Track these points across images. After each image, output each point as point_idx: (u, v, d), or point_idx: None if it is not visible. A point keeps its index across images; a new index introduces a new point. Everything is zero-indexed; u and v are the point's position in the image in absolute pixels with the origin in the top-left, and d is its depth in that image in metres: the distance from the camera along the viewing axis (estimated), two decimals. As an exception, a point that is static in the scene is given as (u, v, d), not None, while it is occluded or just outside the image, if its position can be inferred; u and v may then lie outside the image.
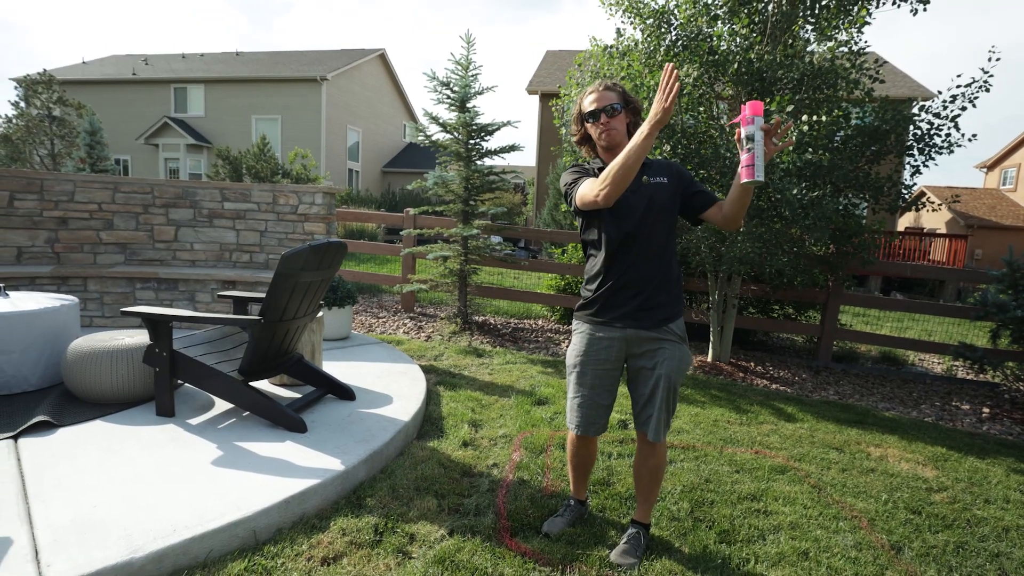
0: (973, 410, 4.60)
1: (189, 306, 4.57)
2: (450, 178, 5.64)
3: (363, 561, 1.96)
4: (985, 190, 22.75)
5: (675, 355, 1.99)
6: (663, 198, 1.98)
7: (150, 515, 1.94)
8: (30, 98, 12.88)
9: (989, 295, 4.55)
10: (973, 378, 5.60)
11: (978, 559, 2.27)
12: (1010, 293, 4.56)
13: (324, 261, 2.77)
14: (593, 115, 1.99)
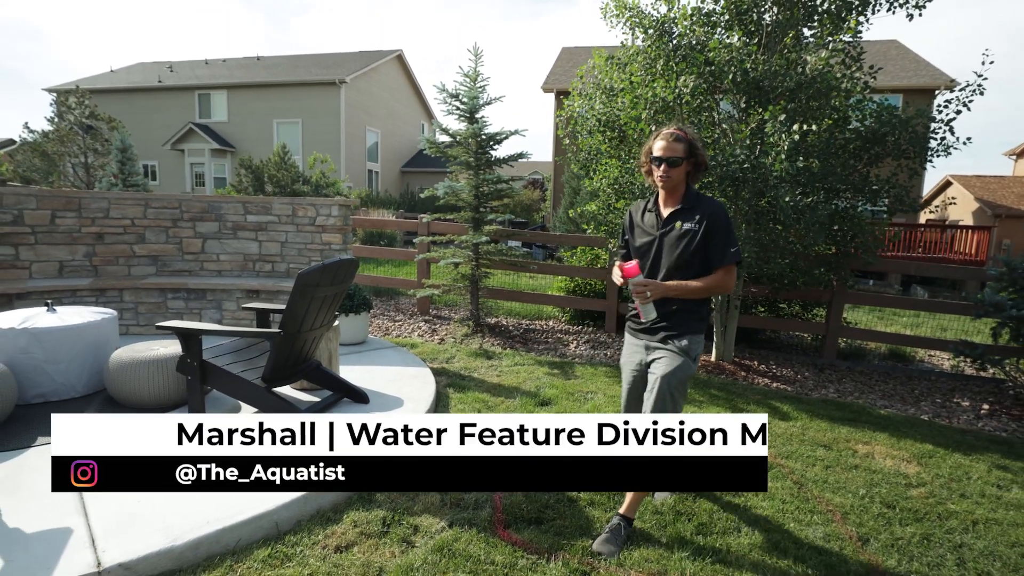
0: (972, 407, 4.70)
1: (216, 314, 4.90)
2: (460, 188, 5.89)
3: (371, 549, 2.22)
4: (1015, 178, 22.21)
5: (673, 363, 2.29)
6: (686, 247, 2.29)
7: (187, 509, 2.22)
8: (63, 112, 13.48)
9: (987, 294, 4.63)
10: (981, 375, 5.65)
11: (940, 549, 2.44)
12: (1010, 291, 4.63)
13: (337, 277, 3.03)
14: (657, 162, 2.30)
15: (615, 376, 4.80)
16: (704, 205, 2.30)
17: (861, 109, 4.90)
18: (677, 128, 2.30)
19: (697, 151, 2.27)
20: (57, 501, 2.23)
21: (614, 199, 5.23)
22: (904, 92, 17.41)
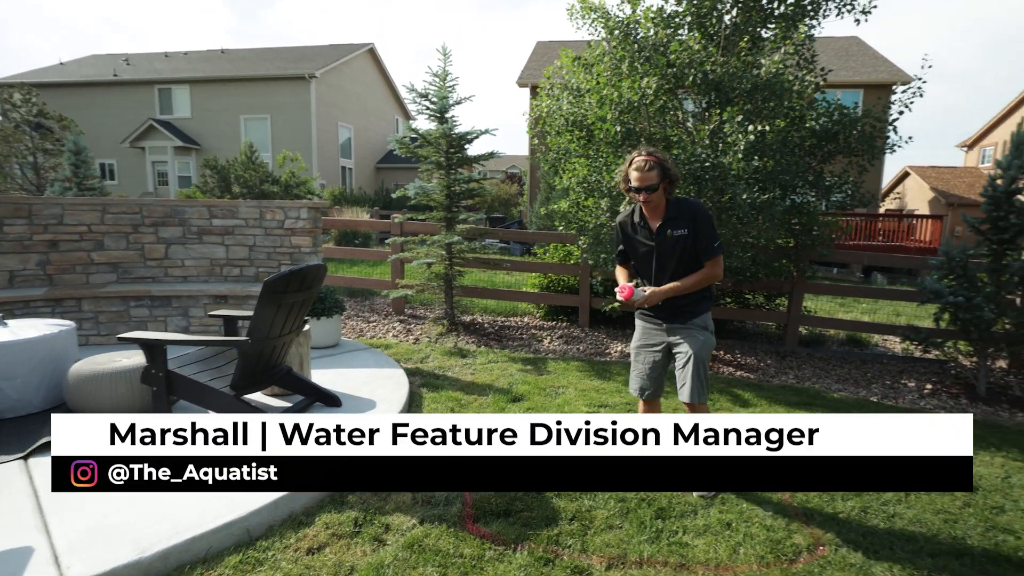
0: (917, 387, 4.95)
1: (183, 321, 4.85)
2: (431, 188, 5.91)
3: (343, 549, 2.27)
4: (965, 168, 23.07)
5: (699, 338, 2.65)
6: (682, 249, 2.61)
7: (155, 519, 2.23)
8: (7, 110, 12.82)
9: (928, 282, 4.88)
10: (927, 357, 5.93)
11: (875, 520, 2.64)
12: (949, 279, 4.86)
13: (305, 282, 3.05)
14: (636, 191, 2.59)
15: (586, 370, 4.91)
16: (687, 209, 2.60)
17: (815, 108, 5.08)
18: (646, 154, 2.56)
19: (669, 171, 2.56)
20: (16, 519, 2.22)
21: (583, 197, 5.32)
22: (864, 87, 17.92)
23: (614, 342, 5.99)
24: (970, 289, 4.75)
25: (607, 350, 5.72)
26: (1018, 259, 4.75)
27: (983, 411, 4.49)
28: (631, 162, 2.58)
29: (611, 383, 4.56)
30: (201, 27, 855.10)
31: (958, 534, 2.57)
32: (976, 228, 4.96)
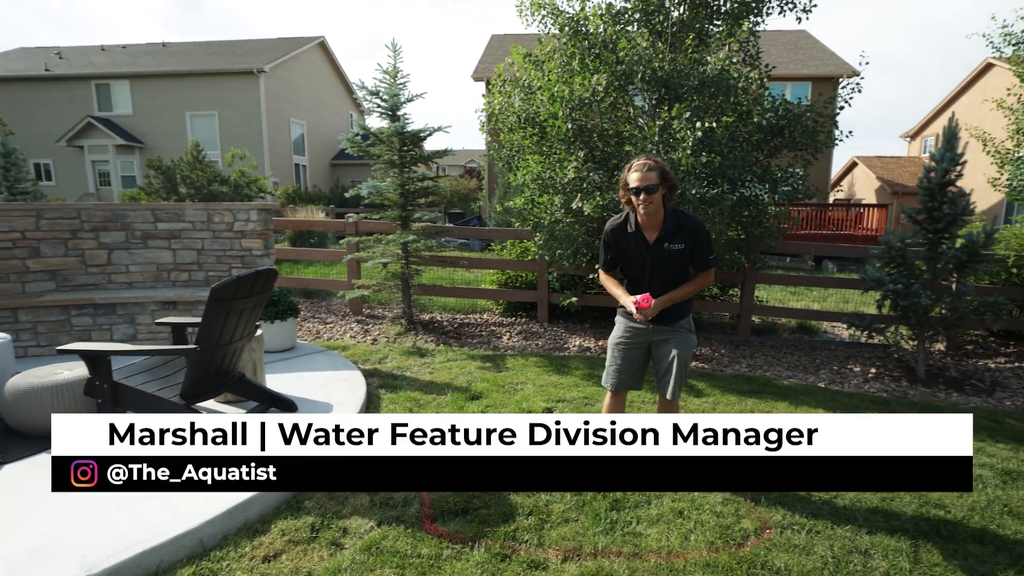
0: (862, 371, 5.22)
1: (130, 329, 4.72)
2: (384, 187, 5.89)
3: (300, 556, 2.28)
4: (909, 158, 24.19)
5: (685, 340, 2.73)
6: (677, 260, 2.64)
7: (103, 536, 2.20)
8: None
9: (870, 271, 5.14)
10: (872, 342, 6.25)
11: (818, 502, 2.79)
12: (890, 268, 5.13)
13: (255, 288, 3.02)
14: (635, 191, 2.53)
15: (545, 366, 4.99)
16: (687, 225, 2.59)
17: (761, 103, 5.28)
18: (647, 158, 2.56)
19: (668, 175, 2.53)
20: (-40, 539, 2.16)
21: (538, 194, 5.39)
22: (812, 80, 18.59)
23: (573, 336, 6.11)
24: (909, 277, 5.01)
25: (566, 345, 5.83)
26: (952, 247, 5.02)
27: (921, 393, 4.76)
28: (630, 166, 2.56)
29: (569, 378, 4.66)
30: (133, 17, 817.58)
31: (894, 510, 2.76)
32: (913, 218, 5.21)
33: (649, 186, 2.49)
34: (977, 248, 4.89)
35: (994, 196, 16.90)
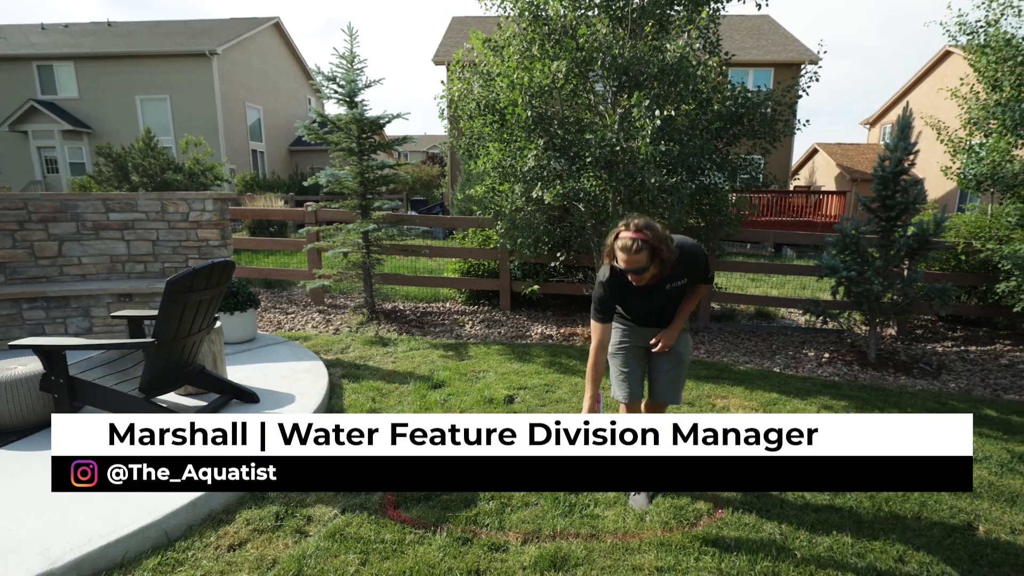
0: (816, 356, 5.50)
1: (85, 322, 4.66)
2: (343, 175, 5.89)
3: (265, 544, 2.36)
4: (868, 145, 25.01)
5: (685, 340, 2.76)
6: (678, 294, 2.58)
7: (66, 530, 2.24)
8: None
9: (825, 258, 5.37)
10: (826, 328, 6.55)
11: (768, 483, 2.97)
12: (844, 255, 5.37)
13: (212, 280, 3.05)
14: (623, 272, 2.38)
15: (507, 354, 5.11)
16: (687, 261, 2.44)
17: (721, 91, 5.45)
18: (634, 230, 2.28)
19: (659, 250, 2.28)
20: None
21: (498, 182, 5.48)
22: (775, 66, 19.02)
23: (535, 324, 6.25)
24: (862, 264, 5.22)
25: (528, 333, 5.96)
26: (904, 235, 5.24)
27: (871, 376, 5.01)
28: (617, 236, 2.33)
29: (531, 365, 4.80)
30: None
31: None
32: (867, 206, 5.40)
33: (638, 268, 2.31)
34: (927, 236, 5.11)
35: (948, 184, 17.67)
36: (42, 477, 2.63)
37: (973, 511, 2.79)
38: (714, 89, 5.43)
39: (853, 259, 5.30)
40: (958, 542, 2.52)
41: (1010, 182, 5.47)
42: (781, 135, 5.54)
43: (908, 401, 4.36)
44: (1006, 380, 5.04)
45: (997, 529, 2.65)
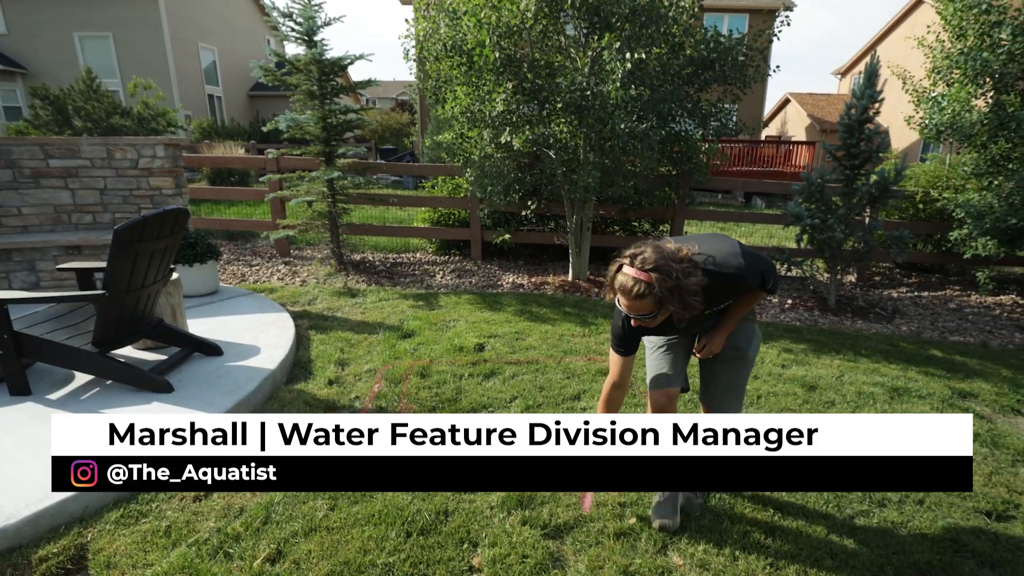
0: (780, 303, 5.64)
1: (30, 276, 4.46)
2: (304, 120, 5.65)
3: (231, 494, 2.35)
4: (839, 96, 25.10)
5: (747, 333, 2.21)
6: (718, 316, 2.10)
7: (19, 487, 2.18)
8: None
9: (791, 206, 5.45)
10: (792, 275, 6.71)
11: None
12: (809, 203, 5.45)
13: (164, 229, 2.92)
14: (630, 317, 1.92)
15: (478, 303, 5.11)
16: (727, 283, 1.88)
17: (693, 35, 5.34)
18: (639, 267, 1.76)
19: (669, 293, 1.74)
20: None
21: (467, 128, 5.33)
22: (750, 12, 18.72)
23: (506, 274, 6.24)
24: (826, 212, 5.33)
25: (499, 282, 5.95)
26: (866, 183, 5.34)
27: (831, 320, 5.20)
28: (619, 268, 1.83)
29: (501, 314, 4.80)
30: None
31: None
32: (832, 154, 5.48)
33: (643, 316, 1.84)
34: (888, 184, 5.23)
35: (911, 136, 17.95)
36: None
37: None
38: (686, 33, 5.32)
39: (818, 207, 5.41)
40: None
41: (968, 131, 5.59)
42: (752, 81, 5.49)
43: (863, 344, 4.53)
44: (953, 323, 5.29)
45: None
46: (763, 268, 1.93)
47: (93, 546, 2.04)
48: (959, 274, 7.13)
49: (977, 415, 3.35)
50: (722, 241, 1.96)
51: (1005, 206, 5.25)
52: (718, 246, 1.92)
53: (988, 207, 5.38)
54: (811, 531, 2.29)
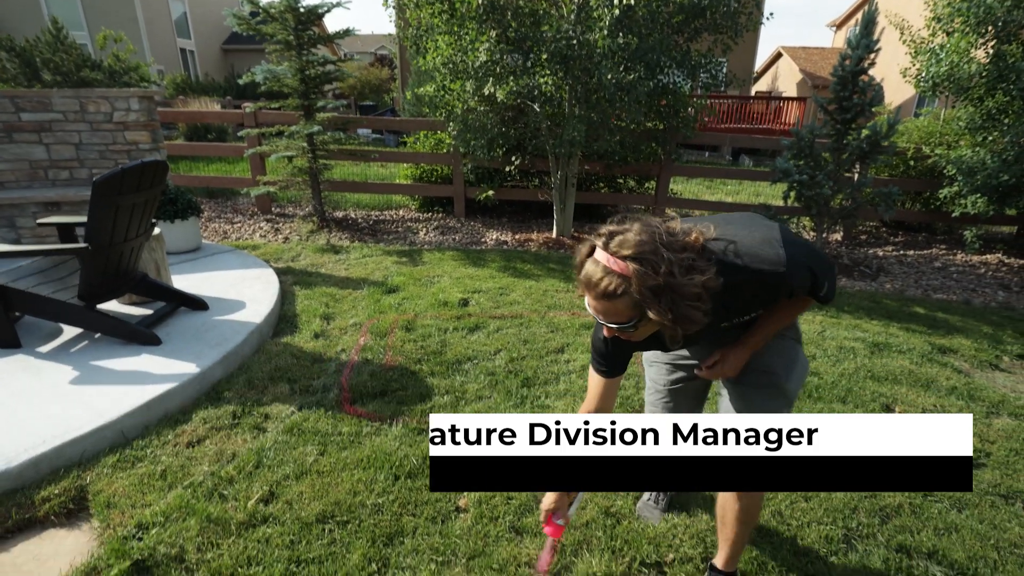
0: (764, 259, 5.74)
1: (10, 233, 4.45)
2: (282, 72, 5.57)
3: (223, 440, 2.46)
4: (833, 49, 24.80)
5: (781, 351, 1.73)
6: (737, 329, 1.57)
7: (18, 433, 2.27)
8: None
9: (779, 162, 5.48)
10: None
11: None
12: (800, 158, 5.47)
13: (143, 182, 2.94)
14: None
15: (461, 260, 5.19)
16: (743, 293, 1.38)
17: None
18: (610, 257, 1.24)
19: (654, 306, 1.22)
20: None
21: (449, 80, 5.30)
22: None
23: (490, 230, 6.30)
24: (815, 168, 5.33)
25: (483, 239, 6.02)
26: (857, 138, 5.29)
27: (814, 276, 5.32)
28: (584, 260, 1.33)
29: (485, 270, 4.89)
30: None
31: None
32: (824, 108, 5.39)
33: (618, 326, 1.33)
34: (879, 139, 5.18)
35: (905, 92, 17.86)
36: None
37: (892, 395, 3.11)
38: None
39: (806, 163, 5.40)
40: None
41: (965, 84, 5.57)
42: (745, 29, 5.46)
43: (845, 300, 4.68)
44: (937, 281, 5.44)
45: (911, 409, 2.97)
46: (814, 264, 1.37)
47: (92, 488, 2.15)
48: (946, 233, 7.26)
49: (955, 369, 3.49)
50: (755, 224, 1.41)
51: (998, 162, 5.26)
52: (748, 230, 1.38)
53: (980, 163, 5.39)
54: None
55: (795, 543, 2.05)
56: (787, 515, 2.17)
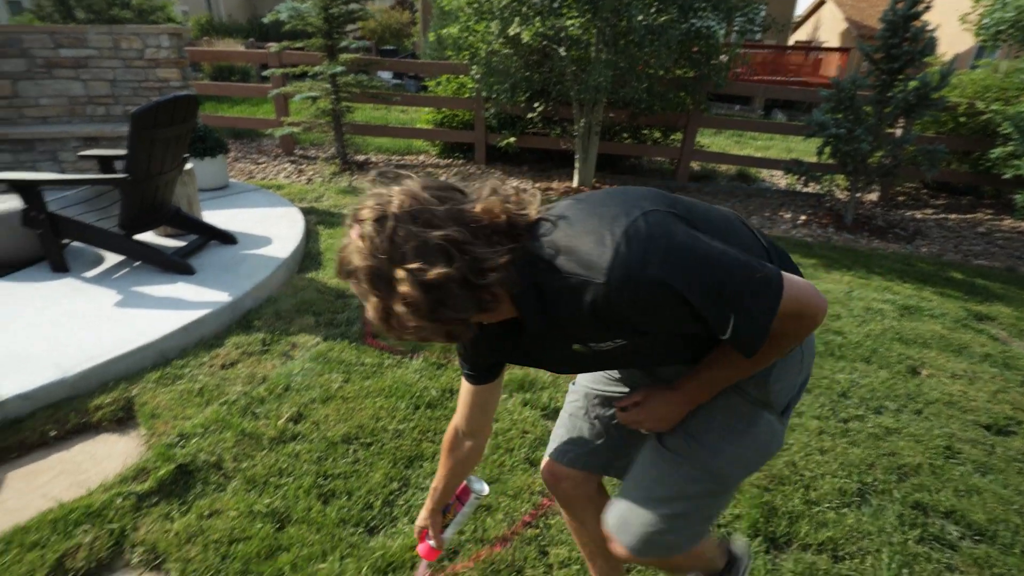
0: (793, 218, 5.73)
1: (54, 166, 4.70)
2: (306, 10, 5.60)
3: (255, 364, 2.68)
4: (886, -6, 23.38)
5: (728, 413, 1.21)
6: (635, 353, 1.08)
7: (71, 348, 2.51)
8: None
9: (815, 114, 5.26)
10: (807, 191, 6.72)
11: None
12: (839, 111, 5.21)
13: (176, 116, 3.09)
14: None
15: (484, 206, 5.28)
16: (556, 289, 0.89)
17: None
18: (360, 216, 0.86)
19: (374, 295, 0.85)
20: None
21: (473, 20, 5.26)
22: None
23: (510, 178, 6.20)
24: (854, 122, 5.04)
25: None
26: (903, 90, 4.98)
27: (845, 238, 5.20)
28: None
29: (508, 216, 4.99)
30: None
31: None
32: (870, 56, 5.08)
33: (371, 313, 0.88)
34: (929, 91, 4.85)
35: (963, 43, 16.98)
36: (40, 304, 2.88)
37: (920, 358, 3.08)
38: None
39: (845, 116, 5.15)
40: (899, 382, 2.84)
41: (1033, 31, 5.04)
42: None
43: (877, 262, 4.57)
44: (979, 247, 5.21)
45: (939, 373, 2.95)
46: (693, 280, 0.83)
47: (139, 400, 2.39)
48: (994, 196, 6.81)
49: (991, 337, 3.40)
50: (618, 201, 0.93)
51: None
52: (597, 209, 0.93)
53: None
54: (802, 426, 2.46)
55: (807, 492, 2.07)
56: (800, 466, 2.19)
